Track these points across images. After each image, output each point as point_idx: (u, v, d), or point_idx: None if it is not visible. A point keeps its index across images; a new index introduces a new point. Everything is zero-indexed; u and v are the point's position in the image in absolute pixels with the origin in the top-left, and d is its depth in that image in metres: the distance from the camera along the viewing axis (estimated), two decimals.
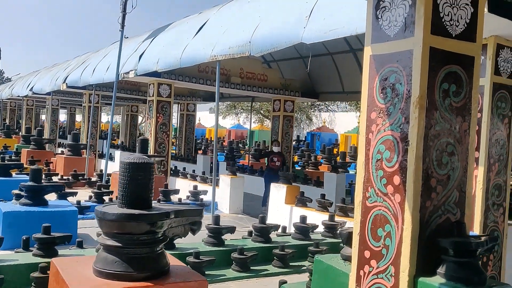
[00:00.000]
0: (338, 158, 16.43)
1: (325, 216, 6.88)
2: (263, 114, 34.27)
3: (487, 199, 4.73)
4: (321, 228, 6.64)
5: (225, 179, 10.13)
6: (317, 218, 7.10)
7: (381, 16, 2.99)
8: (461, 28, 2.88)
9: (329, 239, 6.33)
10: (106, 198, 8.89)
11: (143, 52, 10.73)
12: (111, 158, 14.91)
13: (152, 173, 3.21)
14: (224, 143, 27.14)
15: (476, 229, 4.71)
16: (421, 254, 2.76)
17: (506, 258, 4.93)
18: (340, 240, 5.80)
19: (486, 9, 3.77)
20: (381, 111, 2.96)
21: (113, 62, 11.68)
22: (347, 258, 3.30)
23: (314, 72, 13.56)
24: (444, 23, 2.81)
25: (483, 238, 2.72)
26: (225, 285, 5.02)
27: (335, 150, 23.11)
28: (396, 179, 2.82)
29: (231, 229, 5.88)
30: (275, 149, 12.17)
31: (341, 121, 34.64)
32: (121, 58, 10.61)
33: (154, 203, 3.25)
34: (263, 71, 13.42)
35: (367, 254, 3.00)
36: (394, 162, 2.85)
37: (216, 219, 5.82)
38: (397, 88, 2.86)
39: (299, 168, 17.36)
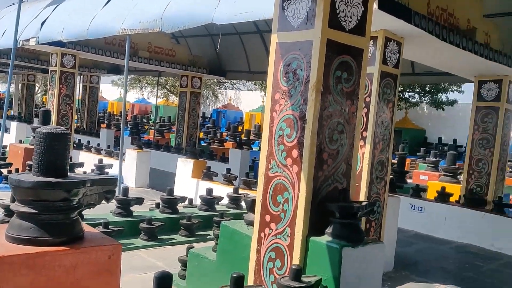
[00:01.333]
0: (242, 135, 16.97)
1: (230, 189, 7.29)
2: (168, 89, 33.89)
3: (371, 173, 5.39)
4: (226, 200, 7.03)
5: (131, 153, 10.14)
6: (222, 191, 7.48)
7: (287, 8, 3.35)
8: (353, 24, 3.34)
9: (233, 210, 6.75)
10: (4, 170, 8.54)
11: (46, 19, 10.23)
12: (7, 130, 14.08)
13: (68, 143, 3.32)
14: (127, 117, 26.53)
15: (361, 199, 5.37)
16: (313, 217, 3.21)
17: (385, 224, 5.67)
18: (243, 211, 6.26)
19: (376, 5, 4.32)
20: (284, 93, 3.35)
21: (9, 27, 10.99)
22: (250, 223, 3.69)
23: (222, 50, 13.82)
24: (340, 19, 3.25)
25: (363, 203, 3.24)
26: (134, 253, 5.24)
27: (240, 128, 23.70)
28: (295, 153, 3.24)
29: (140, 201, 6.06)
30: None
31: (246, 99, 35.32)
32: (19, 24, 10.05)
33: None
34: (172, 46, 13.41)
35: (267, 218, 3.41)
36: (293, 138, 3.26)
37: (125, 190, 5.96)
38: (298, 73, 3.26)
39: (205, 144, 17.66)
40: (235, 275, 2.59)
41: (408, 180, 14.64)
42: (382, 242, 3.26)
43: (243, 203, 6.65)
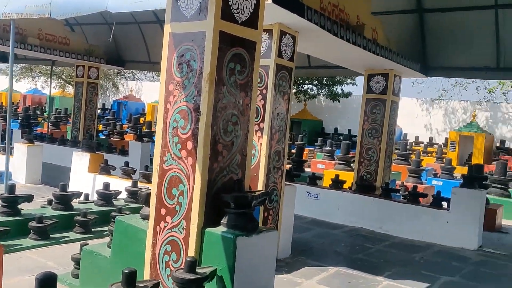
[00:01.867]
0: (144, 127, 16.56)
1: (128, 183, 7.08)
2: (64, 79, 32.03)
3: (269, 163, 5.54)
4: (124, 195, 6.83)
5: (20, 148, 9.45)
6: (120, 185, 7.25)
7: None
8: (246, 16, 3.38)
9: (132, 205, 6.57)
10: None
11: None
12: None
13: None
14: (18, 109, 24.66)
15: (260, 189, 5.49)
16: (208, 208, 3.23)
17: (282, 212, 5.86)
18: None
19: (270, 0, 4.41)
20: (178, 84, 3.31)
21: None
22: (146, 217, 3.62)
23: (121, 40, 13.32)
24: (232, 11, 3.27)
25: (257, 193, 3.32)
26: (22, 254, 4.91)
27: (141, 120, 23.08)
28: (189, 145, 3.23)
29: (29, 198, 5.69)
30: None
31: (148, 90, 34.45)
32: None
33: None
34: (65, 34, 12.65)
35: (163, 211, 3.37)
36: (187, 130, 3.24)
37: (11, 188, 5.55)
38: (192, 65, 3.24)
39: (104, 137, 16.96)
40: (126, 271, 2.53)
41: (307, 169, 15.26)
42: (275, 229, 3.37)
43: None
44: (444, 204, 7.77)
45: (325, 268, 5.63)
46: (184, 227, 3.24)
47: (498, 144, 22.17)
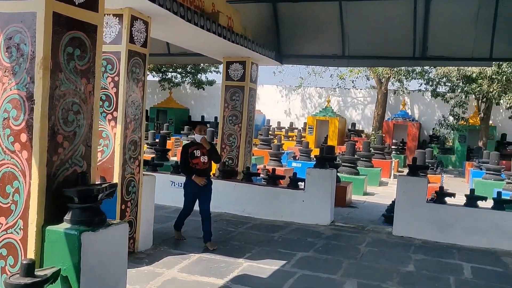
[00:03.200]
0: None
1: None
2: None
3: (124, 153, 5.32)
4: None
5: None
6: None
7: None
8: None
9: None
10: None
11: None
12: None
13: None
14: None
15: (115, 180, 5.26)
16: (49, 205, 2.99)
17: (142, 204, 5.70)
18: None
19: None
20: (7, 70, 2.99)
21: None
22: None
23: None
24: None
25: (104, 185, 3.15)
26: None
27: None
28: (23, 137, 2.94)
29: None
30: (197, 137, 6.22)
31: None
32: None
33: None
34: None
35: None
36: (21, 121, 2.94)
37: None
38: (22, 48, 2.94)
39: None
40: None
41: (173, 158, 15.12)
42: (126, 222, 3.24)
43: None
44: (302, 184, 8.25)
45: (187, 256, 5.62)
46: (22, 227, 2.96)
47: (350, 127, 24.22)
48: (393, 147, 19.54)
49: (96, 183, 3.29)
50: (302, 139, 20.76)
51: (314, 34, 8.82)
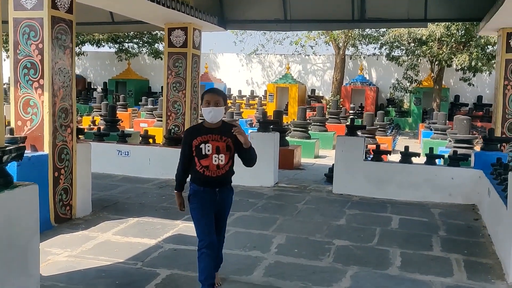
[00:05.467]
0: None
1: None
2: None
3: (54, 121, 5.32)
4: None
5: None
6: None
7: None
8: None
9: None
10: None
11: None
12: None
13: None
14: None
15: (46, 149, 5.28)
16: None
17: (77, 171, 5.74)
18: None
19: None
20: None
21: None
22: None
23: None
24: None
25: (8, 147, 3.19)
26: None
27: None
28: None
29: None
30: (207, 115, 3.48)
31: None
32: None
33: None
34: None
35: None
36: None
37: None
38: None
39: None
40: None
41: (130, 129, 15.05)
42: (35, 183, 3.30)
43: None
44: None
45: (125, 220, 5.73)
46: None
47: (310, 93, 24.44)
48: (350, 111, 19.88)
49: (2, 146, 3.32)
50: (263, 106, 20.87)
51: None
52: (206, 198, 3.50)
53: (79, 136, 6.85)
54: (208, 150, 3.42)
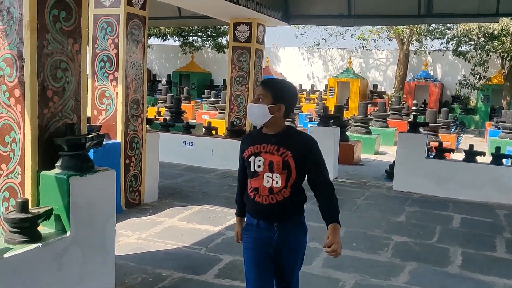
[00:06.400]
0: None
1: None
2: None
3: (126, 111, 5.67)
4: None
5: None
6: None
7: None
8: None
9: None
10: None
11: None
12: None
13: None
14: None
15: (119, 137, 5.64)
16: (42, 153, 3.34)
17: (146, 159, 6.08)
18: None
19: None
20: (1, 32, 3.30)
21: None
22: None
23: None
24: None
25: (90, 135, 3.49)
26: None
27: None
28: (17, 92, 3.27)
29: None
30: (255, 117, 2.54)
31: None
32: None
33: None
34: None
35: None
36: (14, 78, 3.28)
37: None
38: (12, 12, 3.24)
39: None
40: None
41: (193, 121, 15.51)
42: (113, 169, 3.58)
43: None
44: None
45: (190, 207, 6.01)
46: (19, 173, 3.33)
47: (371, 88, 24.04)
48: (413, 108, 19.39)
49: (85, 134, 3.63)
50: (323, 101, 20.79)
51: None
52: (260, 236, 2.51)
53: (147, 126, 7.22)
54: (259, 166, 2.46)
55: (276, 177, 2.44)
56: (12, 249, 2.84)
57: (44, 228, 3.17)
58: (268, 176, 2.45)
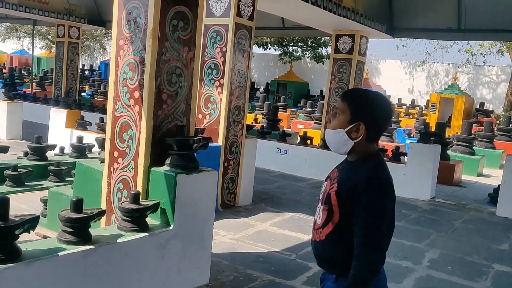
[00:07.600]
0: None
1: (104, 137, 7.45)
2: (51, 39, 31.82)
3: (229, 117, 5.94)
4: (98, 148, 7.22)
5: (0, 105, 9.78)
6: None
7: None
8: None
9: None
10: None
11: None
12: None
13: None
14: (4, 70, 24.67)
15: (220, 141, 5.92)
16: (154, 151, 3.64)
17: (243, 163, 6.31)
18: None
19: None
20: (127, 39, 3.67)
21: None
22: (103, 160, 4.04)
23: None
24: None
25: (198, 137, 3.73)
26: None
27: None
28: (136, 94, 3.61)
29: (4, 149, 6.07)
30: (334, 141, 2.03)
31: None
32: None
33: None
34: None
35: (115, 154, 3.78)
36: (135, 81, 3.62)
37: None
38: (138, 21, 3.59)
39: (88, 97, 17.23)
40: (74, 199, 2.96)
41: (287, 130, 15.71)
42: (215, 170, 3.79)
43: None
44: (405, 159, 8.25)
45: (281, 214, 6.13)
46: (133, 167, 3.66)
47: (477, 106, 22.65)
48: None
49: (193, 136, 3.88)
50: (423, 117, 19.99)
51: (427, 6, 8.59)
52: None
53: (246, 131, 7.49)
54: (321, 193, 2.04)
55: (320, 210, 1.98)
56: (124, 235, 3.13)
57: (151, 220, 3.45)
58: (318, 207, 2.01)
